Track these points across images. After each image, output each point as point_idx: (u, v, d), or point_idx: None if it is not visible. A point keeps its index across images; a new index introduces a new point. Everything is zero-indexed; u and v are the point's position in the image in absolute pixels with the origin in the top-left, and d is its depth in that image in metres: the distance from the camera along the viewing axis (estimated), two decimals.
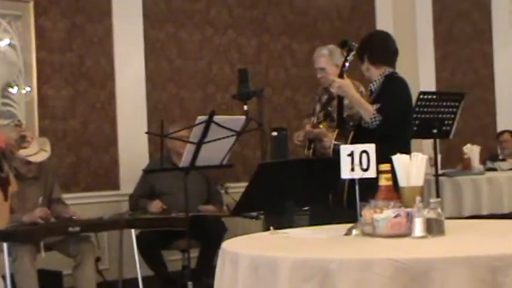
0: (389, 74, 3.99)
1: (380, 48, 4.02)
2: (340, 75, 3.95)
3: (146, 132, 5.36)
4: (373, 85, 4.02)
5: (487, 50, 7.42)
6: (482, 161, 6.37)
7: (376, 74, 3.99)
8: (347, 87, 3.87)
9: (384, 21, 7.23)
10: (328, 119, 4.47)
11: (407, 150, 2.47)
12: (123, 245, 4.86)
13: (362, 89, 4.22)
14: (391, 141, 3.55)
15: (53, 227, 4.34)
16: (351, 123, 4.02)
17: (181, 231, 4.34)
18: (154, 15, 5.86)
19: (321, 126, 4.49)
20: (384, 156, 2.38)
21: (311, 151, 4.62)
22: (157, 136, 4.30)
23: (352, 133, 3.97)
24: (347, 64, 3.96)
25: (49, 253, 4.40)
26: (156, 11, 5.87)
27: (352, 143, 3.60)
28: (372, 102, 3.91)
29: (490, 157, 6.98)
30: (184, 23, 6.03)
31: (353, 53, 3.96)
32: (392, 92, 3.93)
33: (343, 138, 3.92)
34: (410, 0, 7.51)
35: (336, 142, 3.97)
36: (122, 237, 4.83)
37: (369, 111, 3.82)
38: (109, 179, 5.57)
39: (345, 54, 3.97)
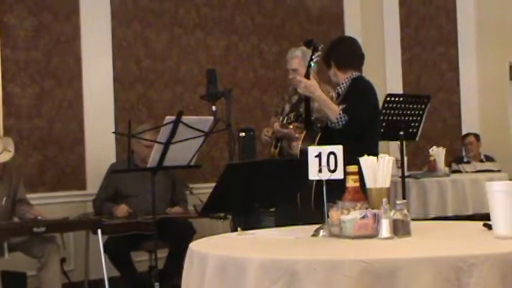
0: (356, 77, 4.04)
1: (346, 53, 4.08)
2: (306, 76, 3.96)
3: (114, 132, 5.31)
4: (340, 88, 4.06)
5: (452, 54, 7.52)
6: (448, 163, 6.46)
7: (342, 77, 4.04)
8: (313, 87, 3.89)
9: (352, 24, 7.29)
10: (299, 119, 4.48)
11: (374, 151, 2.49)
12: (90, 246, 4.81)
13: (333, 93, 4.24)
14: (357, 141, 3.60)
15: (17, 228, 4.27)
16: (319, 125, 4.04)
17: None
18: (122, 14, 5.82)
19: (291, 127, 4.50)
20: (351, 157, 2.39)
21: (277, 150, 4.63)
22: (125, 136, 4.27)
23: (319, 135, 3.99)
24: (312, 64, 3.97)
25: (13, 254, 4.32)
26: (124, 10, 5.83)
27: (319, 144, 3.62)
28: (339, 104, 3.94)
29: (455, 159, 7.08)
30: (152, 23, 6.00)
31: (318, 52, 3.97)
32: (358, 93, 3.98)
33: (310, 139, 3.94)
34: (378, 4, 7.59)
35: (303, 144, 3.99)
36: (88, 237, 4.78)
37: (335, 111, 3.85)
38: (75, 178, 5.51)
39: (310, 54, 3.98)
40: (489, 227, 2.20)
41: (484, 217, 2.30)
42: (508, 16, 7.85)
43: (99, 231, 4.36)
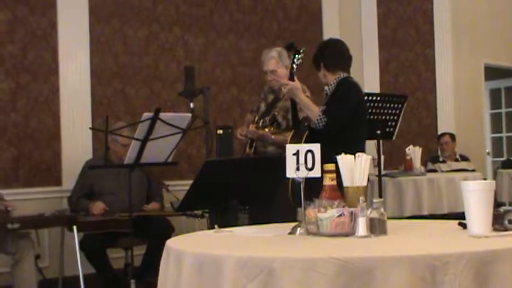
0: (343, 78, 4.12)
1: (335, 55, 4.17)
2: (291, 78, 4.01)
3: (90, 128, 5.28)
4: (328, 89, 4.16)
5: (429, 54, 7.59)
6: (424, 163, 6.51)
7: (331, 78, 4.14)
8: (296, 90, 3.99)
9: (330, 23, 7.32)
10: (274, 123, 4.51)
11: (359, 149, 2.50)
12: (65, 242, 4.78)
13: (308, 93, 4.29)
14: (340, 141, 3.67)
15: None
16: (306, 124, 4.09)
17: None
18: (100, 9, 5.78)
19: (266, 130, 4.53)
20: (333, 156, 2.41)
21: (252, 150, 4.65)
22: (102, 132, 4.24)
23: (306, 133, 4.04)
24: (295, 66, 4.03)
25: None
26: (101, 5, 5.79)
27: (306, 142, 3.66)
28: (325, 105, 4.04)
29: (431, 158, 7.15)
30: (131, 19, 5.96)
31: (300, 55, 4.03)
32: (341, 94, 4.06)
33: (298, 138, 3.98)
34: (356, 4, 7.63)
35: (291, 142, 4.01)
36: (63, 234, 4.75)
37: (315, 113, 3.95)
38: (51, 174, 5.47)
39: (292, 56, 4.04)
40: (464, 225, 2.22)
41: (459, 216, 2.32)
42: (482, 19, 7.96)
43: (74, 227, 4.33)
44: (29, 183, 5.36)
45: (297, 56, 4.03)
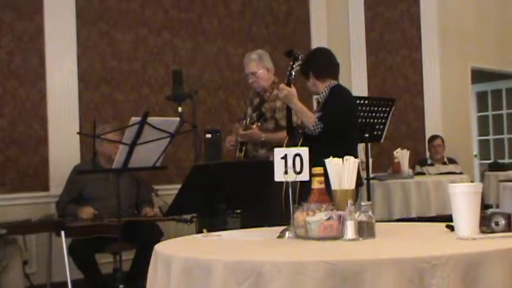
0: (334, 86, 4.18)
1: (324, 63, 4.22)
2: (288, 84, 4.03)
3: (78, 133, 5.26)
4: (320, 97, 4.20)
5: (416, 57, 7.62)
6: (412, 165, 6.53)
7: (322, 87, 4.18)
8: (292, 96, 4.00)
9: (318, 27, 7.34)
10: (261, 118, 4.51)
11: (352, 153, 2.52)
12: (53, 248, 4.75)
13: None
14: (335, 147, 3.69)
15: None
16: (300, 131, 4.11)
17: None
18: (88, 13, 5.76)
19: (254, 126, 4.52)
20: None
21: (242, 153, 4.64)
22: (90, 137, 4.22)
23: (301, 140, 4.05)
24: (293, 73, 4.05)
25: None
26: (89, 9, 5.77)
27: None
28: (320, 111, 4.07)
29: (418, 161, 7.17)
30: (118, 23, 5.95)
31: (299, 62, 4.05)
32: (335, 101, 4.11)
33: (293, 144, 3.99)
34: (344, 8, 7.66)
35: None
36: (51, 239, 4.72)
37: (311, 119, 3.99)
38: (38, 179, 5.44)
39: (291, 63, 4.05)
40: (451, 228, 2.23)
41: (447, 218, 2.33)
42: (469, 22, 8.01)
43: (62, 233, 4.31)
44: (16, 188, 5.33)
45: (295, 62, 4.05)
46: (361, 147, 5.39)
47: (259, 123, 4.52)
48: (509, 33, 8.70)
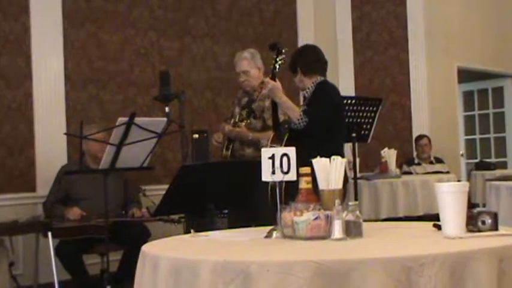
0: (321, 82, 4.21)
1: (312, 60, 4.24)
2: (272, 78, 4.03)
3: (65, 134, 5.23)
4: (306, 92, 4.23)
5: (403, 57, 7.65)
6: (399, 165, 6.56)
7: (308, 82, 4.20)
8: (277, 90, 4.02)
9: (305, 27, 7.35)
10: (251, 116, 4.51)
11: (338, 150, 2.53)
12: (39, 249, 4.72)
13: None
14: (320, 141, 3.73)
15: None
16: (286, 126, 4.12)
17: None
18: (74, 13, 5.74)
19: (243, 124, 4.52)
20: (314, 156, 2.42)
21: (229, 152, 4.64)
22: (77, 137, 4.21)
23: (286, 135, 4.06)
24: (277, 66, 4.05)
25: None
26: (76, 10, 5.75)
27: (286, 145, 3.69)
28: (306, 106, 4.10)
29: (406, 161, 7.20)
30: (105, 23, 5.93)
31: (283, 55, 4.06)
32: (321, 96, 4.14)
33: (278, 141, 4.00)
34: (331, 8, 7.67)
35: (272, 145, 4.03)
36: (38, 241, 4.69)
37: (296, 113, 4.01)
38: (25, 180, 5.41)
39: (275, 56, 4.06)
40: (438, 227, 2.24)
41: (434, 218, 2.34)
42: (455, 22, 8.05)
43: (49, 234, 4.29)
44: (2, 189, 5.29)
45: (279, 56, 4.06)
46: (348, 146, 5.41)
47: (248, 121, 4.52)
48: (495, 33, 8.76)
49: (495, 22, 8.81)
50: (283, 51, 4.08)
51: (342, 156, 2.47)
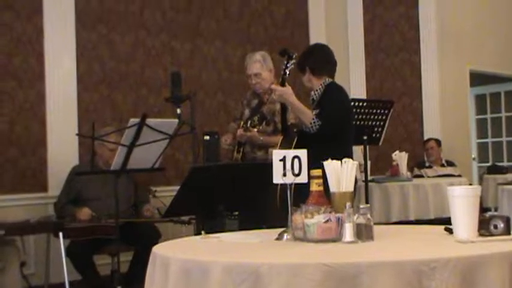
0: (330, 83, 4.16)
1: (321, 60, 4.20)
2: (282, 83, 4.02)
3: (77, 134, 5.25)
4: (315, 94, 4.18)
5: (414, 60, 7.63)
6: (410, 168, 6.54)
7: (317, 83, 4.16)
8: (287, 95, 3.98)
9: (316, 29, 7.34)
10: (264, 122, 4.50)
11: (348, 153, 2.53)
12: (51, 249, 4.74)
13: None
14: (332, 144, 3.72)
15: None
16: (295, 130, 4.10)
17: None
18: (87, 15, 5.76)
19: (255, 130, 4.52)
20: (325, 159, 2.42)
21: (240, 155, 4.64)
22: (88, 138, 4.22)
23: (296, 139, 4.05)
24: (288, 72, 4.04)
25: None
26: (88, 11, 5.77)
27: (296, 148, 3.68)
28: (314, 109, 4.06)
29: (417, 164, 7.18)
30: (117, 25, 5.95)
31: (293, 61, 4.05)
32: (331, 98, 4.10)
33: (287, 143, 3.99)
34: (343, 10, 7.66)
35: (281, 148, 4.02)
36: (49, 240, 4.71)
37: (309, 116, 3.97)
38: (37, 180, 5.43)
39: (285, 62, 4.05)
40: (450, 231, 2.23)
41: (445, 221, 2.33)
42: (467, 25, 8.02)
43: (60, 234, 4.30)
44: (14, 189, 5.32)
45: (290, 61, 4.05)
46: (359, 149, 5.40)
47: (260, 127, 4.52)
48: (508, 36, 8.72)
49: (508, 25, 8.77)
50: (294, 56, 4.06)
51: (351, 156, 2.47)
